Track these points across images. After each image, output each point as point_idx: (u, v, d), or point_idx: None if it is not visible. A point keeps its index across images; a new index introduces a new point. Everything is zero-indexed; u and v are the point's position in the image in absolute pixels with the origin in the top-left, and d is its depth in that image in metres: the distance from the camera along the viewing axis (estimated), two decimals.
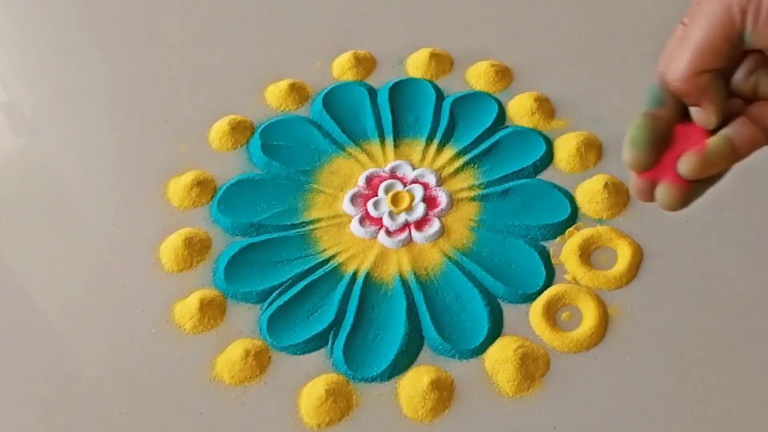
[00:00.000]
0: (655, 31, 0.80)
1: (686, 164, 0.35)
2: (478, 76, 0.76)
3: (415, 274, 0.63)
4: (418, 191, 0.67)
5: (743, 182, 0.66)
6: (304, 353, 0.59)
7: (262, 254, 0.64)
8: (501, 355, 0.58)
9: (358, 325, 0.60)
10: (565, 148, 0.69)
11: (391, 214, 0.66)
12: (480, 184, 0.68)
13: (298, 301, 0.62)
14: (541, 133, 0.71)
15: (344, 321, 0.61)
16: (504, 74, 0.76)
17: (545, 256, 0.63)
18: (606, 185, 0.66)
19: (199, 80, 0.79)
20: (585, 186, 0.67)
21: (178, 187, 0.69)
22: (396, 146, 0.71)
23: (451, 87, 0.76)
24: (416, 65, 0.77)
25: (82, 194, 0.71)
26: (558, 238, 0.64)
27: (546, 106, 0.73)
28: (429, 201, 0.67)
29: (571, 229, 0.65)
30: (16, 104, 0.80)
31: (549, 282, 0.62)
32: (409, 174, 0.69)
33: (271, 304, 0.62)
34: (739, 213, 0.64)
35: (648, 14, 0.81)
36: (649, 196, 0.37)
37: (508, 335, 0.59)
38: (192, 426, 0.56)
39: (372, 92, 0.75)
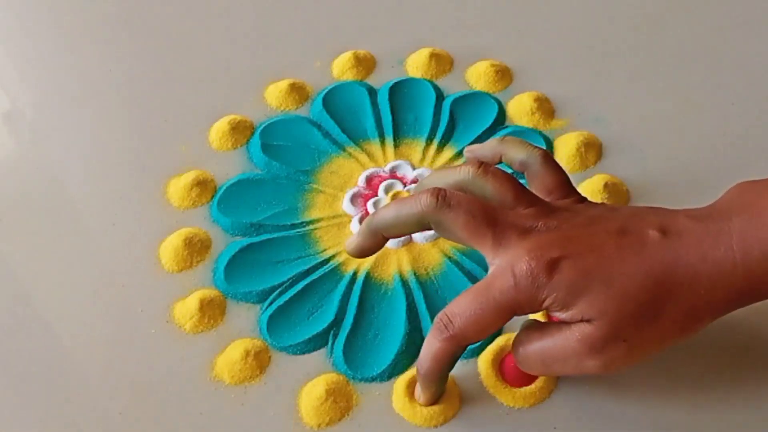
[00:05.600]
0: (656, 31, 0.80)
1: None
2: (478, 76, 0.76)
3: (415, 273, 0.63)
4: None
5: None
6: (304, 353, 0.59)
7: (262, 254, 0.64)
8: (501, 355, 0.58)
9: (358, 325, 0.60)
10: (565, 148, 0.69)
11: None
12: None
13: (298, 301, 0.62)
14: (541, 133, 0.71)
15: (344, 321, 0.60)
16: (504, 74, 0.76)
17: None
18: (606, 185, 0.65)
19: (199, 80, 0.79)
20: (585, 186, 0.67)
21: (178, 187, 0.69)
22: (396, 146, 0.71)
23: (451, 87, 0.76)
24: (416, 65, 0.77)
25: (82, 194, 0.70)
26: None
27: (546, 106, 0.73)
28: None
29: None
30: (15, 104, 0.80)
31: None
32: (409, 174, 0.69)
33: (271, 304, 0.62)
34: None
35: (648, 14, 0.81)
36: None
37: (507, 334, 0.59)
38: (192, 426, 0.56)
39: (372, 92, 0.75)
